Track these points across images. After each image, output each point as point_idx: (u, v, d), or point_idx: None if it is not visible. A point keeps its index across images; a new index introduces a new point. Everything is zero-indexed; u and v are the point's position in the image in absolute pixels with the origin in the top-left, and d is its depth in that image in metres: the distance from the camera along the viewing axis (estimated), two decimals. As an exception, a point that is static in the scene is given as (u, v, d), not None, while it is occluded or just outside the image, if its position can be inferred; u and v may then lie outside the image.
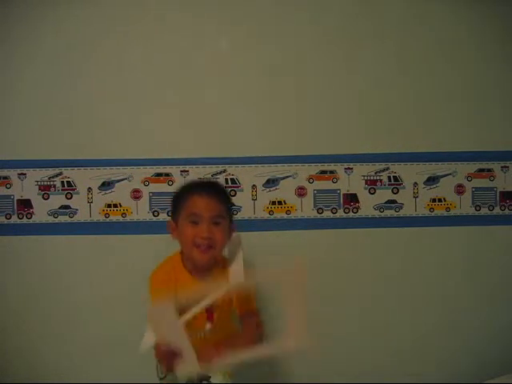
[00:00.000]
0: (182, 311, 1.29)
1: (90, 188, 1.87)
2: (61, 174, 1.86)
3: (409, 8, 1.90)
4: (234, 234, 1.52)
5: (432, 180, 1.92)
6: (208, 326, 1.44)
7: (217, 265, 1.48)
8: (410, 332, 1.92)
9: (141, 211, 1.87)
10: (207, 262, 1.44)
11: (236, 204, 1.86)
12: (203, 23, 1.86)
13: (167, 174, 1.86)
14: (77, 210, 1.87)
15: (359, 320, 1.92)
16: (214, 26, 1.87)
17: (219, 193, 1.47)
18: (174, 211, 1.49)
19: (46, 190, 1.87)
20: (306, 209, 1.90)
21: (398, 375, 1.90)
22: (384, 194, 1.91)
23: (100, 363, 1.88)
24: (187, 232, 1.42)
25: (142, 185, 1.86)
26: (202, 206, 1.41)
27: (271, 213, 1.88)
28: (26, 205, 1.87)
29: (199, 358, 1.26)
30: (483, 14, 1.92)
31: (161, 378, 1.51)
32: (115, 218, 1.87)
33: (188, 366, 1.27)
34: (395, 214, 1.91)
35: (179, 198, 1.48)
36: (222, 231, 1.42)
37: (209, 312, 1.44)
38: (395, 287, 1.92)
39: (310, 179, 1.90)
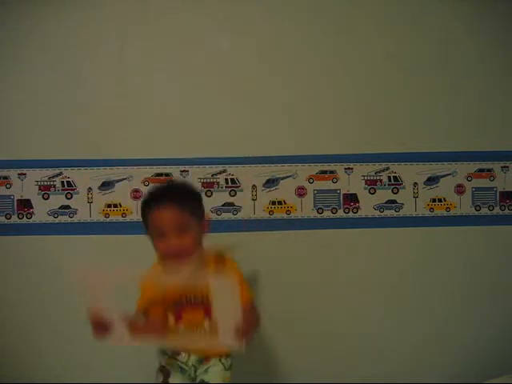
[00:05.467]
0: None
1: (90, 188, 1.87)
2: (61, 174, 1.87)
3: (409, 6, 1.90)
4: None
5: (432, 180, 1.92)
6: (207, 323, 1.45)
7: (201, 262, 1.47)
8: (409, 332, 1.92)
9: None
10: (185, 267, 1.44)
11: (236, 204, 1.86)
12: (203, 23, 1.87)
13: (167, 174, 1.86)
14: (77, 210, 1.87)
15: (359, 320, 1.92)
16: (214, 25, 1.87)
17: (178, 199, 1.45)
18: (144, 225, 1.50)
19: (45, 190, 1.87)
20: (305, 209, 1.90)
21: (398, 375, 1.90)
22: (384, 194, 1.91)
23: (100, 363, 1.88)
24: (158, 246, 1.45)
25: (142, 185, 1.86)
26: (164, 221, 1.41)
27: (271, 213, 1.88)
28: (25, 205, 1.87)
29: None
30: (483, 13, 1.92)
31: None
32: (115, 218, 1.87)
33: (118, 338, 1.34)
34: (395, 214, 1.91)
35: (143, 214, 1.49)
36: (191, 237, 1.43)
37: (206, 309, 1.44)
38: (395, 287, 1.92)
39: (310, 179, 1.90)
